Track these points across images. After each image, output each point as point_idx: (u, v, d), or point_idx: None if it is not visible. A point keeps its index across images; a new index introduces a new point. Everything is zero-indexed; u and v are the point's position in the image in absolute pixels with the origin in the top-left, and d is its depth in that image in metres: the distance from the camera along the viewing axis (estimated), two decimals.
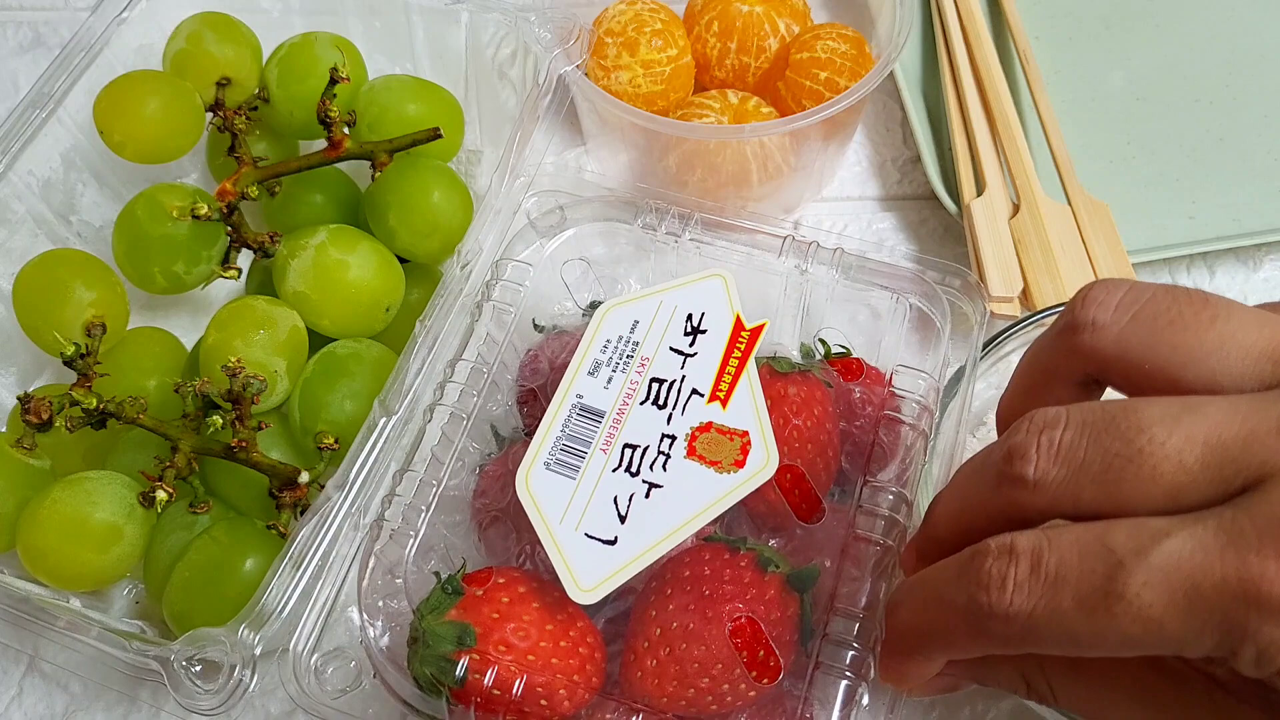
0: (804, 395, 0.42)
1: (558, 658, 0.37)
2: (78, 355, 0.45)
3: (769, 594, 0.37)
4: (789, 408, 0.41)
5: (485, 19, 0.56)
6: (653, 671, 0.37)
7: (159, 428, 0.45)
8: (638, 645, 0.37)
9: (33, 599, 0.41)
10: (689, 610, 0.37)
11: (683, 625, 0.37)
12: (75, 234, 0.55)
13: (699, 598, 0.37)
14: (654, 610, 0.38)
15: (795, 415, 0.41)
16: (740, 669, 0.36)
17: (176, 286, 0.51)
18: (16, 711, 0.47)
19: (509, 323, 0.45)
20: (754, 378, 0.42)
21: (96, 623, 0.41)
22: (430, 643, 0.36)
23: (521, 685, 0.36)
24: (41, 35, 0.68)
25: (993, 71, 0.61)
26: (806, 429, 0.41)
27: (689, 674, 0.36)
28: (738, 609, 0.37)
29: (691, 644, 0.36)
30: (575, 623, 0.38)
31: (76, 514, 0.43)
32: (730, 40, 0.59)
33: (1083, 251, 0.55)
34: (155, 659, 0.38)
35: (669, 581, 0.38)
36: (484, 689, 0.36)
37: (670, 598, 0.37)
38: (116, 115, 0.51)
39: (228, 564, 0.43)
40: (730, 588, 0.37)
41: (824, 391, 0.43)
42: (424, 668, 0.36)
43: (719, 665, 0.36)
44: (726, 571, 0.38)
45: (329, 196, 0.54)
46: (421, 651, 0.36)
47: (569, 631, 0.37)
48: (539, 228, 0.48)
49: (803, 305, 0.47)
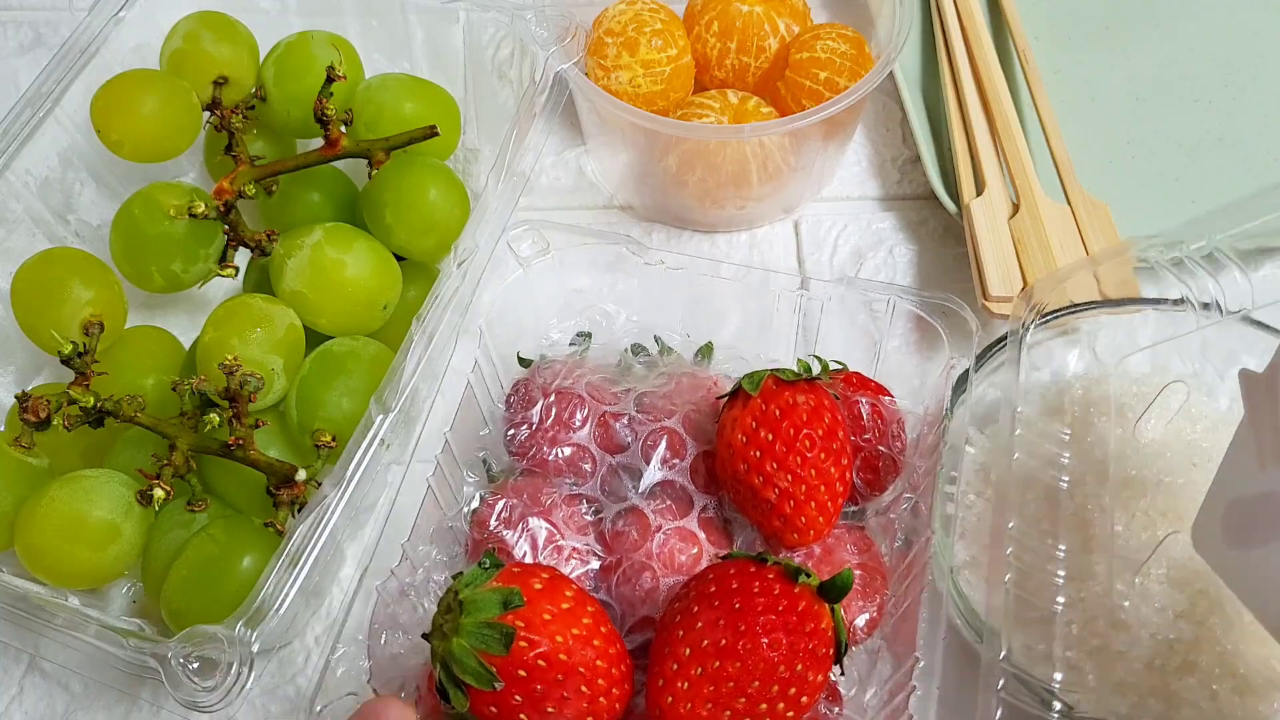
0: (814, 404, 0.41)
1: (600, 641, 0.35)
2: (75, 354, 0.45)
3: (801, 605, 0.35)
4: (799, 416, 0.40)
5: (483, 18, 0.56)
6: (685, 695, 0.35)
7: (157, 426, 0.45)
8: (666, 668, 0.35)
9: (31, 597, 0.41)
10: (719, 626, 0.35)
11: (714, 642, 0.35)
12: (73, 233, 0.55)
13: (729, 612, 0.35)
14: (681, 630, 0.36)
15: (807, 425, 0.40)
16: (778, 685, 0.35)
17: (174, 285, 0.51)
18: (17, 710, 0.47)
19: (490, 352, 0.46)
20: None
21: (94, 621, 0.41)
22: (471, 609, 0.34)
23: (566, 663, 0.34)
24: (42, 35, 0.68)
25: (993, 71, 0.61)
26: (819, 438, 0.40)
27: (724, 694, 0.34)
28: (771, 621, 0.35)
29: (726, 661, 0.34)
30: (607, 620, 0.36)
31: (74, 512, 0.43)
32: (730, 40, 0.59)
33: (1082, 251, 0.55)
34: (153, 656, 0.38)
35: (694, 599, 0.36)
36: (530, 660, 0.33)
37: (698, 614, 0.36)
38: (114, 114, 0.51)
39: (225, 561, 0.43)
40: (762, 600, 0.35)
41: (833, 401, 0.42)
42: (462, 640, 0.34)
43: (756, 682, 0.34)
44: (755, 584, 0.36)
45: (326, 195, 0.54)
46: (460, 621, 0.34)
47: (604, 625, 0.36)
48: (520, 258, 0.48)
49: (798, 322, 0.48)
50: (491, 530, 0.42)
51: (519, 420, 0.45)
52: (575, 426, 0.45)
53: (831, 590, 0.36)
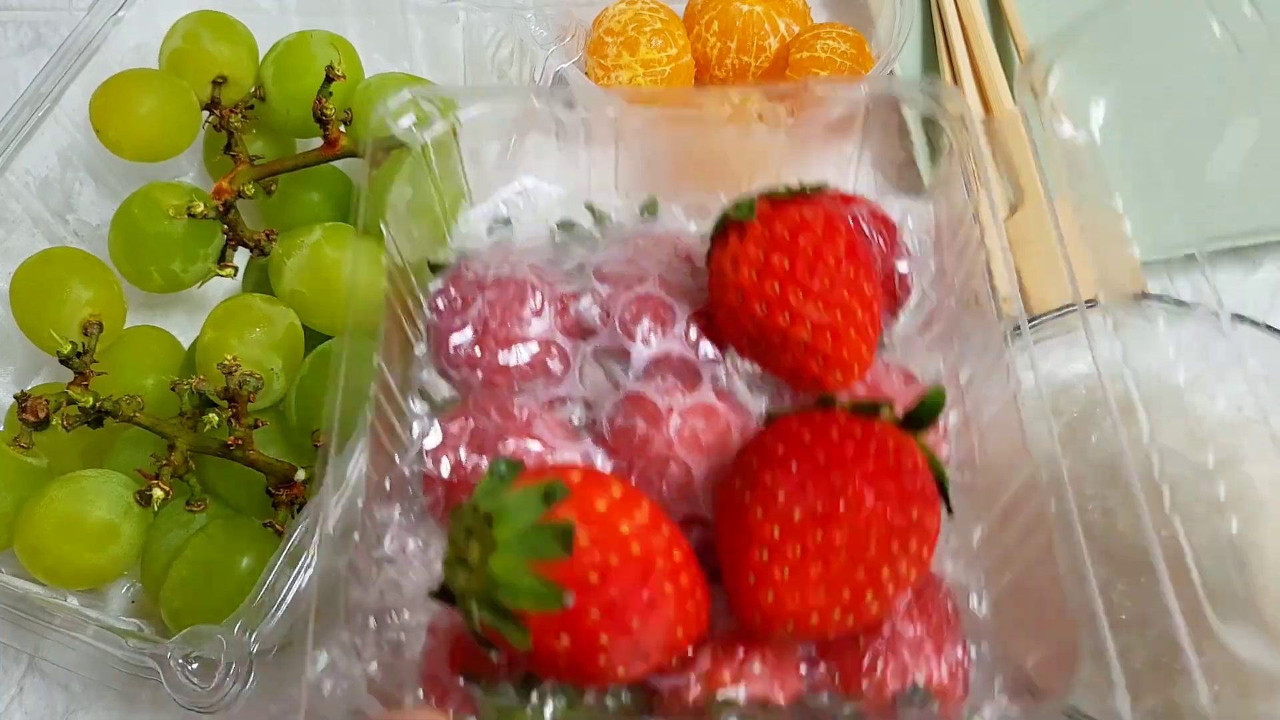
0: (825, 215, 0.34)
1: (668, 529, 0.29)
2: (75, 354, 0.45)
3: (892, 442, 0.30)
4: (814, 232, 0.33)
5: (483, 18, 0.56)
6: (789, 584, 0.29)
7: (156, 426, 0.45)
8: (752, 560, 0.29)
9: (31, 598, 0.41)
10: (808, 490, 0.29)
11: (809, 511, 0.29)
12: (72, 233, 0.55)
13: (815, 471, 0.29)
14: (759, 509, 0.29)
15: (825, 239, 0.33)
16: (896, 542, 0.29)
17: (173, 285, 0.51)
18: (17, 711, 0.47)
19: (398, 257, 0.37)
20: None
21: (93, 621, 0.41)
22: (504, 518, 0.27)
23: (642, 556, 0.27)
24: (42, 35, 0.68)
25: (993, 71, 0.61)
26: (843, 253, 0.33)
27: (836, 570, 0.29)
28: (871, 469, 0.29)
29: (828, 529, 0.28)
30: (662, 511, 0.30)
31: (74, 512, 0.43)
32: (730, 40, 0.59)
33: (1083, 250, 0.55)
34: (152, 657, 0.38)
35: (761, 470, 0.30)
36: (602, 560, 0.27)
37: (775, 486, 0.29)
38: (113, 114, 0.51)
39: (224, 562, 0.43)
40: (851, 445, 0.29)
41: (840, 210, 0.35)
42: (503, 558, 0.27)
43: (872, 545, 0.29)
44: (833, 431, 0.30)
45: (325, 195, 0.54)
46: (494, 536, 0.27)
47: (662, 515, 0.29)
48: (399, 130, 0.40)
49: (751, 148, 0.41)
50: (463, 464, 0.34)
51: (456, 326, 0.37)
52: (529, 318, 0.37)
53: (921, 416, 0.30)
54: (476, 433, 0.34)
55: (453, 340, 0.36)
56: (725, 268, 0.35)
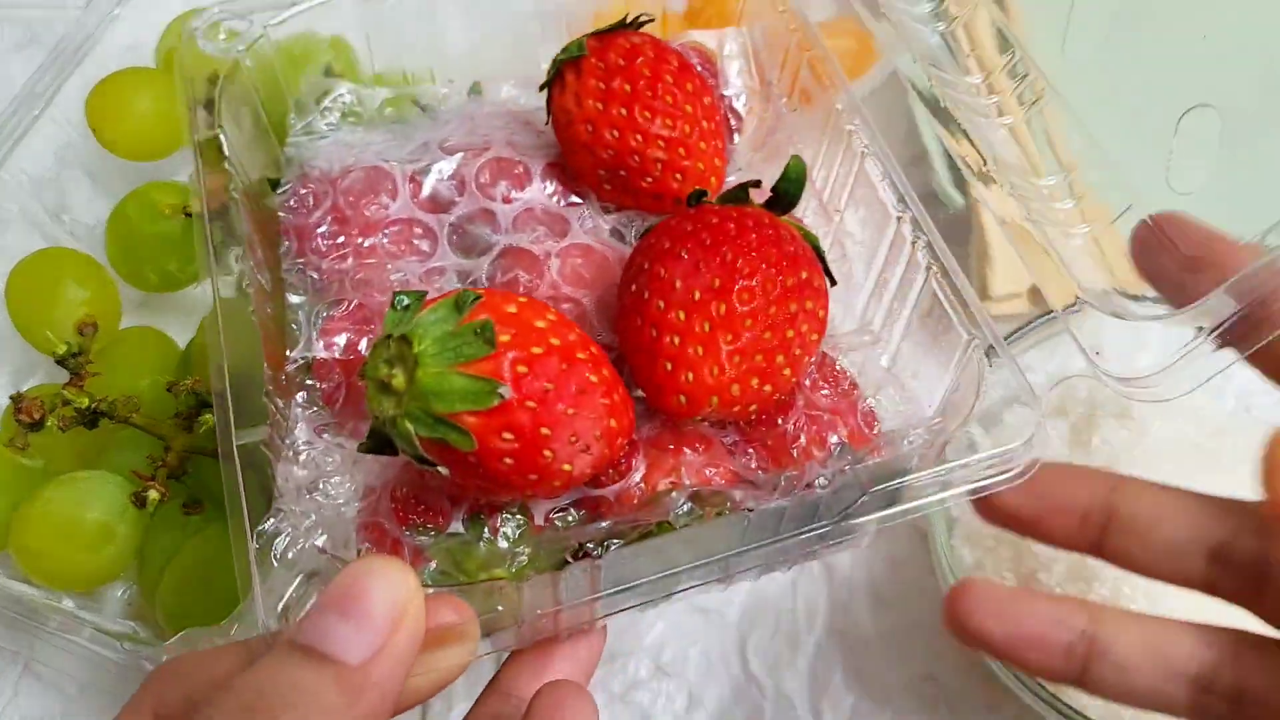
0: (652, 42, 0.36)
1: (579, 331, 0.30)
2: (70, 354, 0.45)
3: (766, 219, 0.31)
4: (646, 54, 0.36)
5: None
6: (703, 360, 0.30)
7: (151, 427, 0.44)
8: (665, 347, 0.30)
9: (26, 600, 0.41)
10: (701, 271, 0.30)
11: (706, 287, 0.30)
12: (68, 232, 0.55)
13: (703, 251, 0.30)
14: (660, 300, 0.30)
15: (659, 59, 0.35)
16: (794, 302, 0.30)
17: (169, 285, 0.51)
18: (13, 713, 0.47)
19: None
20: None
21: (89, 623, 0.40)
22: (421, 333, 0.27)
23: (564, 346, 0.28)
24: (37, 34, 0.68)
25: None
26: (676, 70, 0.36)
27: (746, 340, 0.30)
28: (751, 240, 0.30)
29: (730, 300, 0.30)
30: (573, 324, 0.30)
31: (69, 514, 0.43)
32: None
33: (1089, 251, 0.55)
34: (147, 659, 0.38)
35: (655, 264, 0.31)
36: (525, 353, 0.27)
37: (671, 275, 0.30)
38: (108, 113, 0.51)
39: (220, 563, 0.43)
40: (728, 225, 0.31)
41: (665, 42, 0.37)
42: (430, 367, 0.27)
43: (773, 307, 0.30)
44: (710, 217, 0.31)
45: None
46: (415, 352, 0.27)
47: (573, 327, 0.30)
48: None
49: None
50: (354, 343, 0.35)
51: (315, 223, 0.37)
52: (387, 202, 0.37)
53: (788, 192, 0.33)
54: (360, 309, 0.35)
55: (318, 233, 0.37)
56: (569, 105, 0.36)
